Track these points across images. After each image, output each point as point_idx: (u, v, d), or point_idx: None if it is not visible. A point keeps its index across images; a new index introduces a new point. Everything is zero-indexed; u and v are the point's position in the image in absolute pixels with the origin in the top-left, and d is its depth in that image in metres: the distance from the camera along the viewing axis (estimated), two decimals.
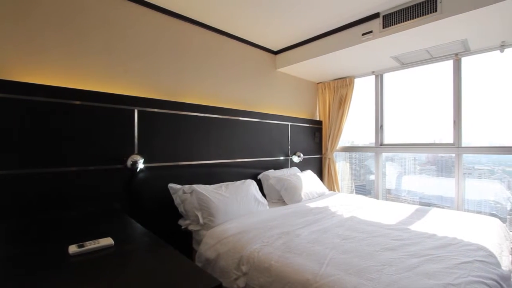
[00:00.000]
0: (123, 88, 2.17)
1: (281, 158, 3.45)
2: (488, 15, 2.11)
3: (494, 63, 2.93)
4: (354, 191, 4.27)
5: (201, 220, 2.03)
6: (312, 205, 2.61)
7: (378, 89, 3.77)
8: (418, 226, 1.97)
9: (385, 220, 2.16)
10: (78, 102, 1.80)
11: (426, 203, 3.59)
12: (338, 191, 3.98)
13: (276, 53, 3.51)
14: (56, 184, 1.72)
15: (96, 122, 1.89)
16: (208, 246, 1.83)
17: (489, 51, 2.82)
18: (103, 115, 1.92)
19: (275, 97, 3.58)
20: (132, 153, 2.04)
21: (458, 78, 3.06)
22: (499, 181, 3.18)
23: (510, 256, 1.76)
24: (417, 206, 2.56)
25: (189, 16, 2.58)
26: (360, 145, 4.13)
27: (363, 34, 2.60)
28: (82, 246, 1.04)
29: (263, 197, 2.56)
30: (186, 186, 2.19)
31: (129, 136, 2.05)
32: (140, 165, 2.02)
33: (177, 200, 2.18)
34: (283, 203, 2.85)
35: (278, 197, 2.96)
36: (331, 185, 4.00)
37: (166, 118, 2.28)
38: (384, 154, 3.84)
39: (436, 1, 2.15)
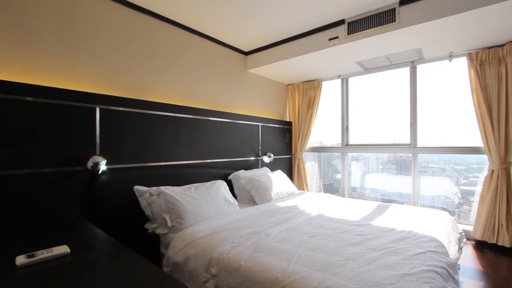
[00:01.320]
0: (87, 85, 2.03)
1: (252, 158, 3.47)
2: (439, 28, 2.33)
3: (444, 71, 3.24)
4: (322, 190, 4.43)
5: (169, 223, 1.96)
6: (282, 204, 2.66)
7: (343, 92, 3.96)
8: (379, 222, 2.10)
9: (350, 216, 2.27)
10: (30, 99, 1.65)
11: (387, 200, 3.85)
12: (307, 190, 4.10)
13: (247, 54, 3.53)
14: (7, 187, 1.55)
15: (53, 120, 1.74)
16: (177, 249, 1.78)
17: (440, 60, 3.11)
18: (61, 113, 1.78)
19: (246, 97, 3.59)
20: (94, 154, 1.91)
21: (414, 84, 3.33)
22: (449, 178, 3.52)
23: (457, 245, 1.95)
24: (378, 203, 2.72)
25: (159, 13, 2.50)
26: (328, 145, 4.30)
27: (330, 39, 2.72)
28: (32, 256, 0.95)
29: (233, 198, 2.55)
30: (153, 188, 2.11)
31: (90, 136, 1.92)
32: (102, 166, 1.90)
33: (143, 203, 2.09)
34: (254, 203, 2.87)
35: (249, 197, 2.97)
36: (301, 185, 4.11)
37: (133, 117, 2.18)
38: (349, 154, 4.04)
39: (394, 12, 2.32)
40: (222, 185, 2.53)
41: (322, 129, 4.34)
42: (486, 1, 1.96)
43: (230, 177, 3.05)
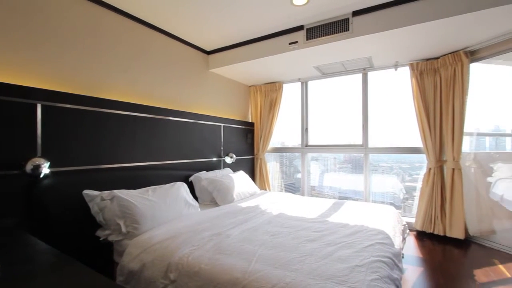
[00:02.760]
0: (26, 79, 1.80)
1: (214, 159, 3.43)
2: (386, 39, 2.57)
3: (391, 78, 3.56)
4: (284, 189, 4.55)
5: (123, 229, 1.84)
6: (244, 204, 2.67)
7: (303, 95, 4.13)
8: (335, 218, 2.23)
9: (309, 214, 2.37)
10: None
11: (344, 197, 4.10)
12: (269, 190, 4.18)
13: (209, 53, 3.48)
14: None
15: None
16: (132, 256, 1.68)
17: (387, 69, 3.42)
18: None
19: (208, 97, 3.54)
20: (34, 155, 1.71)
21: (365, 89, 3.61)
22: (396, 176, 3.88)
23: (401, 236, 2.16)
24: (335, 200, 2.89)
25: (117, 6, 2.34)
26: (290, 146, 4.43)
27: (290, 44, 2.81)
28: None
29: (194, 200, 2.49)
30: (106, 192, 1.96)
31: (30, 136, 1.71)
32: (45, 170, 1.71)
33: (94, 209, 1.93)
34: (216, 204, 2.84)
35: (210, 198, 2.93)
36: (263, 185, 4.18)
37: (84, 116, 2.00)
38: (309, 154, 4.22)
39: (348, 22, 2.49)
40: (182, 187, 2.45)
41: (284, 130, 4.47)
42: (424, 18, 2.21)
43: (191, 178, 2.97)
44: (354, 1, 2.34)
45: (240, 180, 3.19)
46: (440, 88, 2.96)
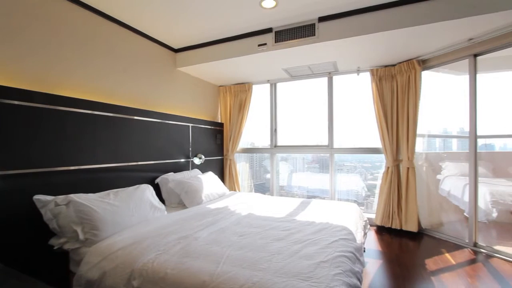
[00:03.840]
0: None
1: (182, 160, 3.34)
2: (348, 45, 2.71)
3: (354, 82, 3.77)
4: (254, 190, 4.58)
5: (81, 236, 1.71)
6: (213, 206, 2.64)
7: (272, 96, 4.20)
8: (302, 216, 2.30)
9: (277, 214, 2.41)
10: None
11: (312, 196, 4.25)
12: (239, 190, 4.18)
13: (176, 51, 3.38)
14: None
15: None
16: (91, 265, 1.57)
17: (350, 73, 3.61)
18: None
19: (175, 97, 3.43)
20: None
21: (331, 92, 3.77)
22: (359, 175, 4.11)
23: (363, 231, 2.29)
24: (302, 199, 2.98)
25: None
26: (260, 146, 4.47)
27: (259, 45, 2.84)
28: None
29: (160, 203, 2.40)
30: (61, 197, 1.81)
31: None
32: None
33: (47, 215, 1.77)
34: (184, 206, 2.77)
35: (178, 201, 2.85)
36: (232, 185, 4.16)
37: (36, 114, 1.83)
38: (278, 155, 4.30)
39: (314, 27, 2.58)
40: (147, 190, 2.35)
41: (253, 131, 4.50)
42: (382, 28, 2.37)
43: (158, 180, 2.87)
44: (320, 8, 2.43)
45: (209, 181, 3.15)
46: (397, 93, 3.21)
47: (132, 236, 1.77)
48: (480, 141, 2.79)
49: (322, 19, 2.58)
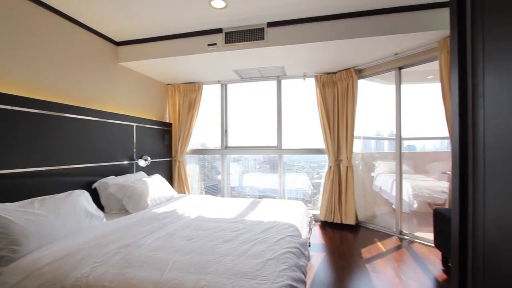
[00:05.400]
0: None
1: (125, 162, 3.09)
2: (295, 52, 2.86)
3: (301, 87, 3.98)
4: (204, 192, 4.49)
5: None
6: (160, 210, 2.51)
7: (223, 97, 4.18)
8: (251, 216, 2.34)
9: (227, 215, 2.41)
10: None
11: (263, 195, 4.35)
12: (189, 193, 4.05)
13: (118, 44, 3.12)
14: None
15: None
16: (7, 286, 1.34)
17: (297, 78, 3.81)
18: None
19: (118, 94, 3.17)
20: None
21: (279, 95, 3.93)
22: (306, 174, 4.36)
23: (308, 227, 2.44)
24: (252, 199, 3.03)
25: None
26: (212, 147, 4.40)
27: (208, 45, 2.81)
28: None
29: (98, 210, 2.19)
30: None
31: None
32: None
33: None
34: (126, 212, 2.57)
35: (120, 206, 2.63)
36: (182, 188, 4.02)
37: None
38: (230, 156, 4.30)
39: (263, 31, 2.66)
40: (82, 196, 2.12)
41: (204, 132, 4.41)
42: (325, 38, 2.57)
43: (95, 185, 2.61)
44: (269, 13, 2.52)
45: (156, 184, 2.98)
46: (338, 98, 3.50)
47: (63, 248, 1.58)
48: (406, 143, 3.22)
49: (271, 24, 2.67)
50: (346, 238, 3.09)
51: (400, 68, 3.05)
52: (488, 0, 0.95)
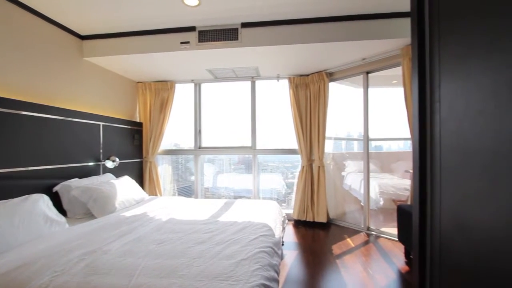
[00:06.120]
0: None
1: (91, 164, 2.92)
2: (269, 53, 2.89)
3: (275, 88, 4.03)
4: (177, 193, 4.38)
5: None
6: (129, 213, 2.40)
7: (196, 96, 4.11)
8: (225, 217, 2.32)
9: (201, 216, 2.37)
10: None
11: (238, 196, 4.33)
12: (160, 195, 3.92)
13: (83, 38, 2.94)
14: None
15: None
16: None
17: (271, 79, 3.86)
18: None
19: (82, 91, 2.97)
20: None
21: (254, 96, 3.95)
22: (281, 174, 4.42)
23: (281, 226, 2.48)
24: (226, 200, 3.01)
25: None
26: (185, 148, 4.29)
27: (181, 43, 2.74)
28: None
29: (60, 215, 2.04)
30: None
31: None
32: None
33: None
34: (92, 217, 2.42)
35: (84, 211, 2.47)
36: (153, 190, 3.88)
37: None
38: (205, 156, 4.23)
39: (237, 32, 2.66)
40: (40, 200, 1.96)
41: (177, 132, 4.30)
42: (297, 40, 2.63)
43: (57, 188, 2.43)
44: (243, 14, 2.52)
45: (124, 187, 2.85)
46: (310, 100, 3.60)
47: (18, 258, 1.45)
48: (374, 143, 3.40)
49: (245, 24, 2.67)
50: (318, 236, 3.18)
51: (367, 73, 3.21)
52: (443, 10, 1.04)
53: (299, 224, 3.60)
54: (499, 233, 0.76)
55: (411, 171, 3.41)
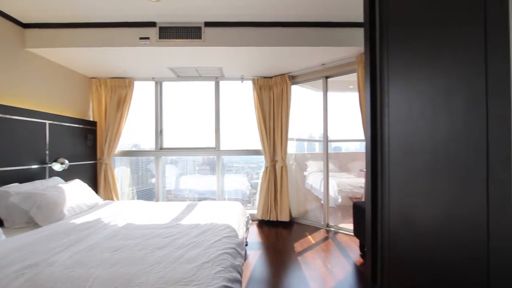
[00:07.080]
0: None
1: (34, 167, 2.62)
2: (233, 54, 2.89)
3: (239, 89, 4.04)
4: (136, 197, 4.14)
5: None
6: (80, 220, 2.20)
7: (157, 95, 3.93)
8: (187, 220, 2.25)
9: (161, 220, 2.27)
10: None
11: (203, 198, 4.24)
12: (117, 199, 3.67)
13: (25, 26, 2.63)
14: None
15: None
16: None
17: (235, 80, 3.86)
18: None
19: (24, 86, 2.66)
20: None
21: (217, 96, 3.91)
22: (246, 175, 4.43)
23: (245, 227, 2.49)
24: (188, 202, 2.93)
25: None
26: (146, 149, 4.07)
27: (141, 38, 2.61)
28: None
29: None
30: None
31: None
32: None
33: None
34: (36, 226, 2.17)
35: (26, 219, 2.21)
36: (109, 194, 3.62)
37: None
38: (168, 158, 4.06)
39: (201, 30, 2.61)
40: None
41: (137, 132, 4.07)
42: (261, 43, 2.67)
43: None
44: (206, 13, 2.48)
45: (75, 191, 2.61)
46: (273, 102, 3.67)
47: None
48: (333, 144, 3.58)
49: (208, 24, 2.63)
50: (281, 235, 3.25)
51: (327, 77, 3.38)
52: (392, 18, 1.14)
53: (263, 224, 3.64)
54: (437, 229, 0.85)
55: (365, 170, 3.67)
